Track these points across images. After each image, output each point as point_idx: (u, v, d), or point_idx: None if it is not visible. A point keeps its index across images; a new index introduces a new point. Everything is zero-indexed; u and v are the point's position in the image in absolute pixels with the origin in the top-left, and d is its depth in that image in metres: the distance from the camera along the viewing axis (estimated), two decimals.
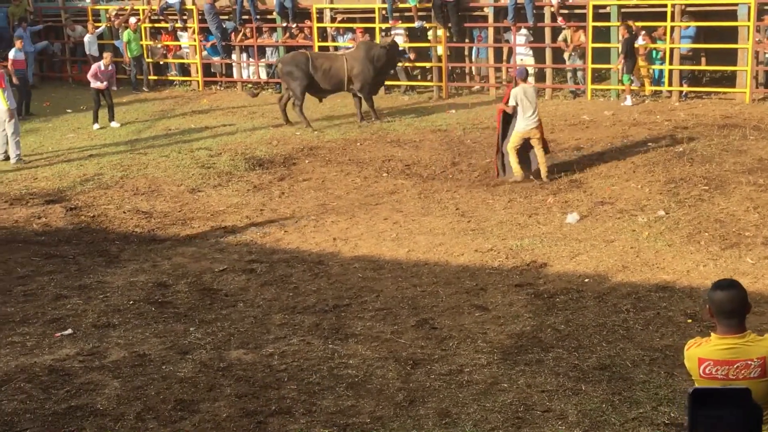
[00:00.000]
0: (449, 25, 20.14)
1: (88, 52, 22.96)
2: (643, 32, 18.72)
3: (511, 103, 13.54)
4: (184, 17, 23.07)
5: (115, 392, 7.51)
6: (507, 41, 20.41)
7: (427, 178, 14.20)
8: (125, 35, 22.44)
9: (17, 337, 8.73)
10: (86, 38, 23.02)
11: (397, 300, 9.40)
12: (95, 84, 18.45)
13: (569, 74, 20.28)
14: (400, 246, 11.16)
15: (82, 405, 7.30)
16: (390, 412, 7.01)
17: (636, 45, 18.36)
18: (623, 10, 18.86)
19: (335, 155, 15.70)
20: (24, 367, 8.02)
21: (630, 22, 18.19)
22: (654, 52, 18.99)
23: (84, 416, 7.13)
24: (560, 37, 19.70)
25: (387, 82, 21.07)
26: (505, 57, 20.67)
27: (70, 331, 8.85)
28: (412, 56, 21.16)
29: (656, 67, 19.07)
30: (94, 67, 18.77)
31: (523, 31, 20.06)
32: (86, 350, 8.38)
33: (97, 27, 23.38)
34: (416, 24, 20.61)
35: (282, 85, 19.38)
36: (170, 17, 23.47)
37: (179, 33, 23.66)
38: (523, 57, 20.36)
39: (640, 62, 18.67)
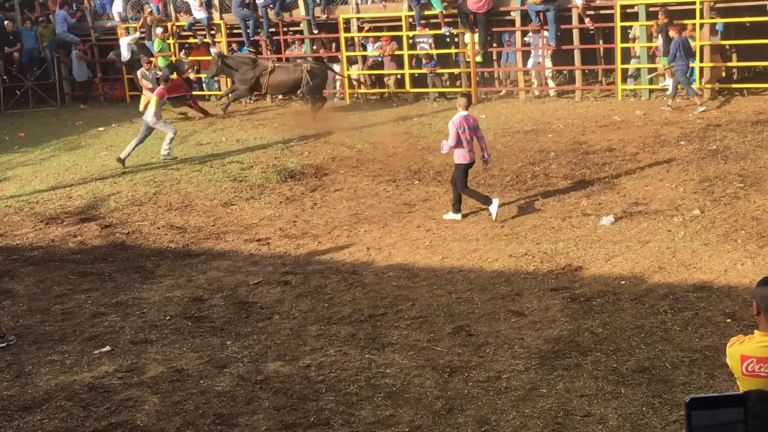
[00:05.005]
0: (476, 31, 20.09)
1: (124, 55, 23.00)
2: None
3: None
4: (213, 32, 23.20)
5: (155, 408, 7.55)
6: (526, 44, 20.37)
7: None
8: (156, 44, 22.52)
9: (56, 356, 8.81)
10: (121, 40, 23.05)
11: (432, 308, 9.38)
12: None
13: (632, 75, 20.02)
14: (434, 253, 11.14)
15: (122, 422, 7.34)
16: (429, 421, 6.99)
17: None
18: (651, 9, 18.73)
19: (366, 164, 15.70)
20: (64, 385, 8.09)
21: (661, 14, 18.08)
22: None
23: None
24: (630, 34, 19.65)
25: (416, 90, 21.10)
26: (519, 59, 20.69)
27: (108, 348, 8.92)
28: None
29: None
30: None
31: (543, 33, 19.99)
32: (125, 367, 8.44)
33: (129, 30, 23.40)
34: (444, 30, 20.58)
35: None
36: (198, 32, 23.60)
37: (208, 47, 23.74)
38: (540, 60, 20.32)
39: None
